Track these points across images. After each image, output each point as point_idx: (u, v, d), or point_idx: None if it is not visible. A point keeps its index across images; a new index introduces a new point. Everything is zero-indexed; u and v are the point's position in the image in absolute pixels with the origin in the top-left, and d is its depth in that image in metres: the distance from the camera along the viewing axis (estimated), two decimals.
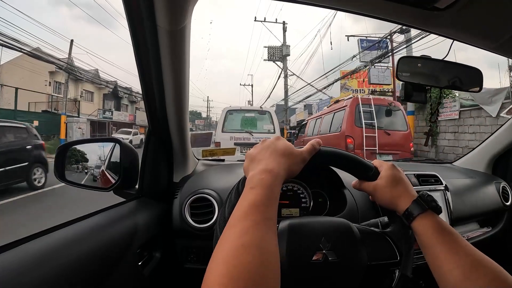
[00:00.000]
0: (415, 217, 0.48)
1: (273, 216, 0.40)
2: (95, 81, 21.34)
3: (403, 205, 0.51)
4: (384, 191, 0.53)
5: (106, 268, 0.59)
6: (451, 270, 0.43)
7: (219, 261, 0.34)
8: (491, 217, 1.16)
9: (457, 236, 0.47)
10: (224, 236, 0.37)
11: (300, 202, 0.87)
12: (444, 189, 1.00)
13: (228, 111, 6.28)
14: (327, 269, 0.48)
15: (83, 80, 20.26)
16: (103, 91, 25.41)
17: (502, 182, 1.24)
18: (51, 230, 0.55)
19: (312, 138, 0.55)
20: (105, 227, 0.64)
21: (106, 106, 25.90)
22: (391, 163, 0.57)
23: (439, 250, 0.45)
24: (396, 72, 0.77)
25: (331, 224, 0.53)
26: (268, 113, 6.33)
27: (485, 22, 0.56)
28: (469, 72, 0.81)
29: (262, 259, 0.33)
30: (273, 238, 0.38)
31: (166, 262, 0.82)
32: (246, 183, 0.45)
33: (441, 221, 0.48)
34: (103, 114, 23.33)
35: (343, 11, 0.59)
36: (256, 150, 0.51)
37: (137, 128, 24.90)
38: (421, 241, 0.48)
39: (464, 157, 1.49)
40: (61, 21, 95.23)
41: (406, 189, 0.53)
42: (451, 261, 0.44)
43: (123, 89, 27.02)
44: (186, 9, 0.56)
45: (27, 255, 0.47)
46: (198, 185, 0.90)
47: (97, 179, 0.93)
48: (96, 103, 24.55)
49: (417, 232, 0.49)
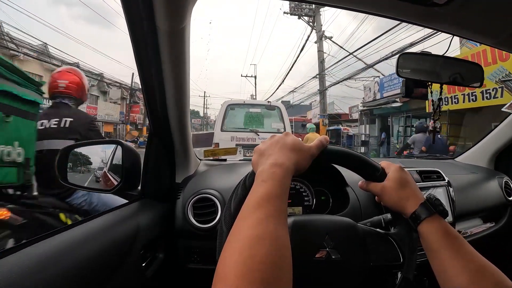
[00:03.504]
0: (422, 220, 0.49)
1: (285, 209, 0.41)
2: (43, 60, 15.34)
3: (410, 208, 0.51)
4: (392, 193, 0.53)
5: (109, 270, 0.59)
6: (457, 275, 0.43)
7: (233, 252, 0.34)
8: (494, 212, 1.16)
9: (462, 241, 0.47)
10: (237, 227, 0.37)
11: (303, 200, 0.87)
12: (446, 185, 1.00)
13: (229, 106, 5.10)
14: (330, 267, 0.48)
15: (19, 55, 13.74)
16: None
17: (505, 177, 1.24)
18: (54, 233, 0.55)
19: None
20: (108, 229, 0.64)
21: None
22: (398, 165, 0.57)
23: (445, 255, 0.45)
24: (397, 68, 0.77)
25: (336, 222, 0.53)
26: (277, 109, 5.21)
27: (486, 18, 0.55)
28: (469, 68, 0.81)
29: (277, 251, 0.34)
30: (286, 230, 0.38)
31: (169, 262, 0.82)
32: (256, 176, 0.45)
33: (448, 225, 0.49)
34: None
35: (343, 9, 0.59)
36: (265, 145, 0.51)
37: (97, 127, 21.80)
38: (426, 244, 0.48)
39: (466, 152, 1.49)
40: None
41: (413, 192, 0.53)
42: (457, 266, 0.44)
43: (89, 75, 19.54)
44: (186, 9, 0.56)
45: (30, 258, 0.47)
46: (201, 185, 0.90)
47: (100, 181, 0.94)
48: (46, 90, 18.83)
49: (423, 235, 0.49)
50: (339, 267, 0.48)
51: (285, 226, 0.39)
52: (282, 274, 0.32)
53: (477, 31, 0.60)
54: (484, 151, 1.38)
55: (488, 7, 0.51)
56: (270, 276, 0.31)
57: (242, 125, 5.04)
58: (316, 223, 0.52)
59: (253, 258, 0.32)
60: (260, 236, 0.34)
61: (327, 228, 0.51)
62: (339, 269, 0.48)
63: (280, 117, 5.13)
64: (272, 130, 4.99)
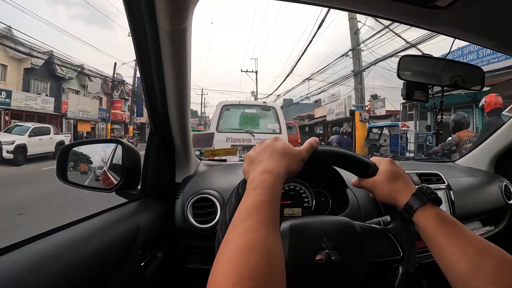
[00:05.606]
0: (416, 210, 0.48)
1: (276, 216, 0.41)
2: (7, 46, 13.12)
3: (403, 200, 0.50)
4: (383, 187, 0.53)
5: (108, 269, 0.59)
6: (457, 261, 0.43)
7: (225, 261, 0.34)
8: (494, 215, 1.16)
9: (460, 226, 0.46)
10: (229, 236, 0.37)
11: (303, 201, 0.87)
12: (446, 188, 1.00)
13: (224, 106, 5.02)
14: (331, 269, 0.48)
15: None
16: (25, 64, 15.83)
17: (505, 180, 1.24)
18: (54, 231, 0.55)
19: None
20: (107, 228, 0.64)
21: (33, 89, 16.62)
22: (389, 159, 0.56)
23: (443, 242, 0.45)
24: (398, 71, 0.77)
25: (333, 223, 0.53)
26: (273, 109, 5.15)
27: (486, 20, 0.55)
28: (470, 71, 0.81)
29: (268, 259, 0.33)
30: (278, 238, 0.38)
31: (169, 262, 0.82)
32: (247, 184, 0.45)
33: (442, 212, 0.48)
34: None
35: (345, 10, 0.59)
36: (254, 151, 0.51)
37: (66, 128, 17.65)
38: (423, 234, 0.48)
39: (466, 155, 1.49)
40: None
41: (405, 183, 0.52)
42: (456, 251, 0.43)
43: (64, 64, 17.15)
44: (187, 9, 0.56)
45: (30, 257, 0.47)
46: (200, 185, 0.90)
47: (100, 180, 0.93)
48: (12, 83, 15.25)
49: (419, 225, 0.48)
50: (339, 268, 0.48)
51: (277, 233, 0.39)
52: (274, 281, 0.32)
53: (478, 33, 0.61)
54: (484, 154, 1.38)
55: (488, 9, 0.52)
56: (261, 284, 0.31)
57: (237, 126, 4.95)
58: (314, 225, 0.52)
59: (244, 267, 0.32)
60: (251, 244, 0.34)
61: (325, 229, 0.51)
62: (340, 270, 0.48)
63: (275, 117, 5.04)
64: (268, 130, 4.92)
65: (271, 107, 5.19)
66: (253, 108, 5.17)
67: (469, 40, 0.64)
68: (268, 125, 5.02)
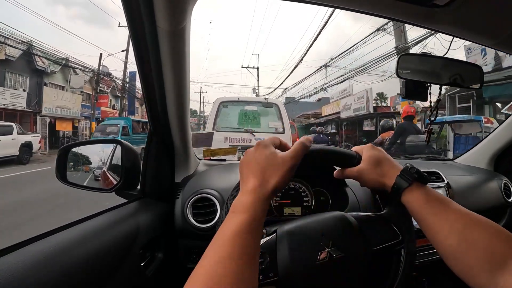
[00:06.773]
0: (403, 191, 0.48)
1: (255, 244, 0.39)
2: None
3: (389, 182, 0.50)
4: (369, 172, 0.52)
5: (109, 269, 0.59)
6: (446, 237, 0.43)
7: (194, 285, 0.34)
8: (493, 213, 1.16)
9: (447, 202, 0.46)
10: (202, 262, 0.37)
11: (302, 200, 0.87)
12: (446, 186, 1.00)
13: (222, 103, 4.47)
14: (334, 266, 0.47)
15: None
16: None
17: (504, 178, 1.24)
18: (53, 232, 0.55)
19: None
20: (107, 229, 0.64)
21: (9, 84, 14.66)
22: (369, 144, 0.56)
23: (431, 220, 0.45)
24: (397, 69, 0.77)
25: (328, 220, 0.52)
26: (275, 106, 4.60)
27: (485, 19, 0.55)
28: (469, 69, 0.81)
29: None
30: (251, 269, 0.37)
31: (169, 262, 0.82)
32: (231, 205, 0.43)
33: (429, 190, 0.48)
34: None
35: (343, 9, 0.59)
36: (241, 164, 0.48)
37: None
38: (413, 214, 0.48)
39: (466, 153, 1.49)
40: None
41: (390, 165, 0.52)
42: (444, 228, 0.43)
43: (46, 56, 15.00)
44: (186, 9, 0.56)
45: (30, 257, 0.47)
46: (200, 185, 0.90)
47: (99, 181, 0.93)
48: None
49: (407, 206, 0.48)
50: (343, 263, 0.48)
51: (252, 264, 0.37)
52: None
53: (477, 32, 0.60)
54: (484, 153, 1.38)
55: (487, 8, 0.51)
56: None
57: (236, 125, 4.45)
58: (309, 226, 0.51)
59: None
60: (222, 275, 0.34)
61: (321, 228, 0.50)
62: (344, 265, 0.48)
63: (278, 115, 4.54)
64: (270, 129, 4.43)
65: (274, 103, 4.69)
66: (254, 105, 4.64)
67: (468, 39, 0.64)
68: (270, 123, 4.54)
